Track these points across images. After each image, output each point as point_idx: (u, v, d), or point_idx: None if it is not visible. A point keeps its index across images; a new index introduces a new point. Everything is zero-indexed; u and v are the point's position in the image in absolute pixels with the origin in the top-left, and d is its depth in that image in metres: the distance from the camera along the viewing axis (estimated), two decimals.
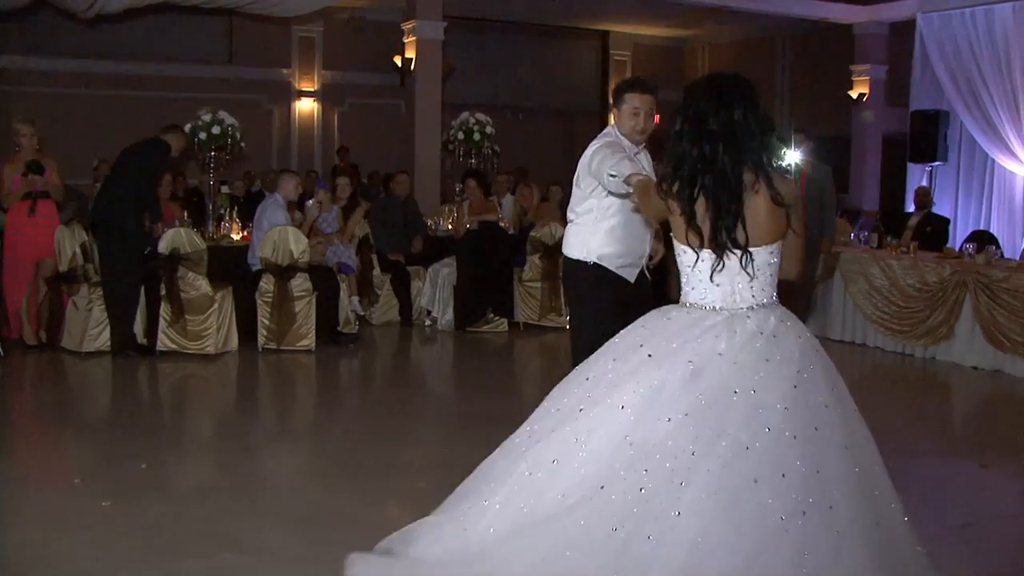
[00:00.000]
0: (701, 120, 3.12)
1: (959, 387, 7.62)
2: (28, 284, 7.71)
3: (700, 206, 3.12)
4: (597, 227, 4.60)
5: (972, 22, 11.27)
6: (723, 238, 3.10)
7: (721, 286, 3.16)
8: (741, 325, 3.12)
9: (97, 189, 11.36)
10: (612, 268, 4.62)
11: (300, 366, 7.66)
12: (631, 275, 4.69)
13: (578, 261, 4.66)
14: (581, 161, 4.58)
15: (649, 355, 3.13)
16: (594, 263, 4.61)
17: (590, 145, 4.55)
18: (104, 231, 7.68)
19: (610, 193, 4.37)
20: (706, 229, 3.12)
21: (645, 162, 4.64)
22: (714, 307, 3.17)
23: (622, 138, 4.56)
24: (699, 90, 3.20)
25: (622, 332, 3.34)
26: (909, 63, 12.50)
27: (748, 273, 3.13)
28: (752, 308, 3.16)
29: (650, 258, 4.79)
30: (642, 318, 3.34)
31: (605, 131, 4.71)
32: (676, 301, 3.32)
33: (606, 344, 3.36)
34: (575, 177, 4.67)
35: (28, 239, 7.77)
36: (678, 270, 3.31)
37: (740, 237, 3.10)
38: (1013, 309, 7.42)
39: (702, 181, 3.10)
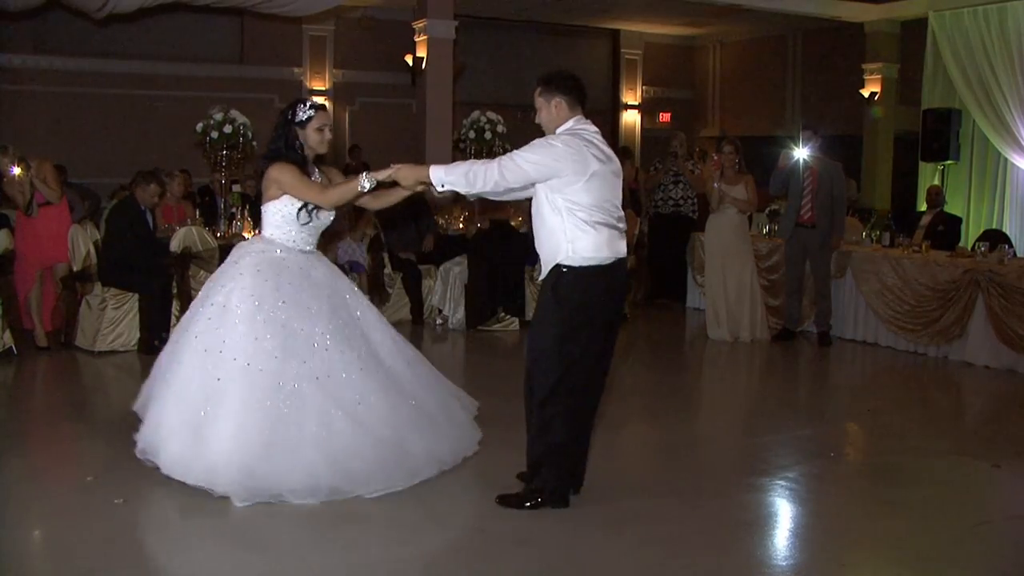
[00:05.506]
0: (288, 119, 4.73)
1: (971, 386, 7.58)
2: (34, 281, 7.72)
3: None
4: None
5: (984, 20, 11.24)
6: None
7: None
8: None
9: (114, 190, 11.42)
10: None
11: None
12: None
13: None
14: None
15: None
16: None
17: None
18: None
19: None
20: None
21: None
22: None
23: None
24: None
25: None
26: (921, 61, 12.46)
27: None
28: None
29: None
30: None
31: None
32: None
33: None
34: None
35: (30, 237, 7.76)
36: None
37: None
38: None
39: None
